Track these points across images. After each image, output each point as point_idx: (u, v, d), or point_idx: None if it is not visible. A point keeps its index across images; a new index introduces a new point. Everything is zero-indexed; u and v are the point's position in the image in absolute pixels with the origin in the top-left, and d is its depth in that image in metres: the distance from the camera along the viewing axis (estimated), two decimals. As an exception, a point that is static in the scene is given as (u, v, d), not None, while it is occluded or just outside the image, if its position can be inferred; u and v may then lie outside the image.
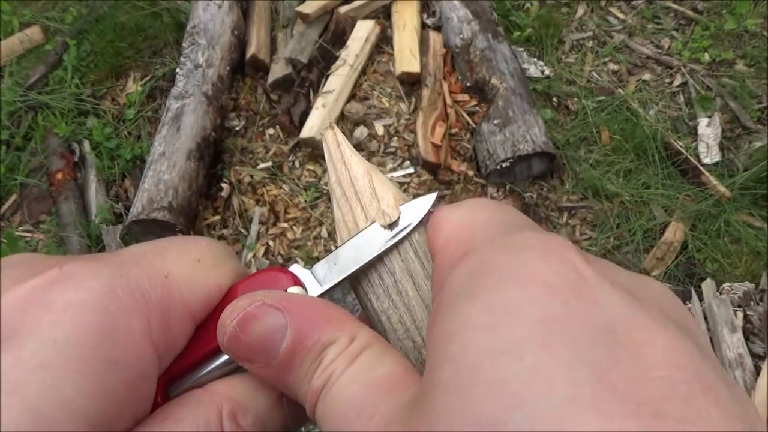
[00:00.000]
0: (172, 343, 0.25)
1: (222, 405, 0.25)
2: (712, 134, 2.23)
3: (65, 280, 0.23)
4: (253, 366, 0.25)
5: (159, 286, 0.25)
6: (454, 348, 0.20)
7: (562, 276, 0.20)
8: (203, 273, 0.27)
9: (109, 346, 0.22)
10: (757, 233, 1.94)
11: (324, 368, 0.24)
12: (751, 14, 2.60)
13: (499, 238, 0.23)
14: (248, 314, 0.25)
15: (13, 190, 2.21)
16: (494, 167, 2.03)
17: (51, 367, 0.21)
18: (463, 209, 0.26)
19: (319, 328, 0.25)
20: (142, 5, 2.59)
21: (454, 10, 2.40)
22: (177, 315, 0.25)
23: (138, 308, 0.23)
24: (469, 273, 0.22)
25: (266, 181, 2.14)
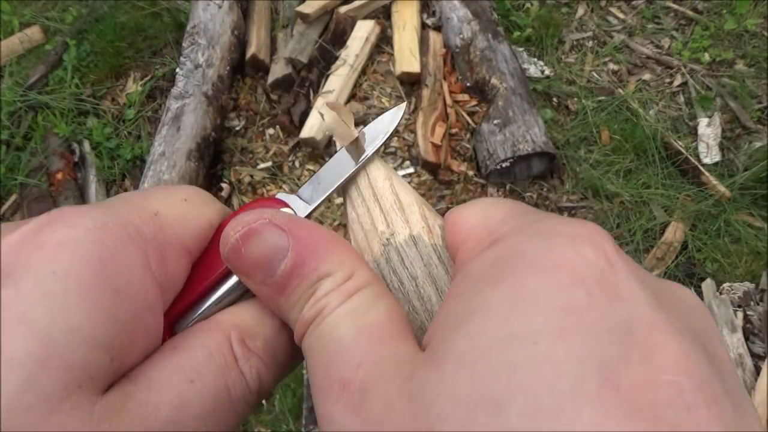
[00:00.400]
0: (171, 278, 0.25)
1: (230, 331, 0.25)
2: (712, 134, 2.23)
3: (55, 222, 0.23)
4: (248, 280, 0.25)
5: (150, 223, 0.25)
6: (471, 326, 0.20)
7: (591, 265, 0.20)
8: (192, 210, 0.27)
9: (110, 276, 0.22)
10: (757, 233, 1.94)
11: (317, 299, 0.24)
12: (751, 14, 2.60)
13: (526, 227, 0.23)
14: (252, 229, 0.25)
15: (13, 190, 2.21)
16: (494, 167, 2.03)
17: (55, 296, 0.20)
18: (479, 206, 0.26)
19: (319, 257, 0.24)
20: (142, 5, 2.59)
21: (454, 10, 2.40)
22: (172, 250, 0.25)
23: (133, 242, 0.24)
24: (495, 259, 0.22)
25: (266, 181, 2.15)
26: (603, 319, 0.19)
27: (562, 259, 0.20)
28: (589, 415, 0.17)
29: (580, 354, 0.18)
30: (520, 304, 0.19)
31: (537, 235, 0.22)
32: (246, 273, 0.25)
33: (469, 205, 0.27)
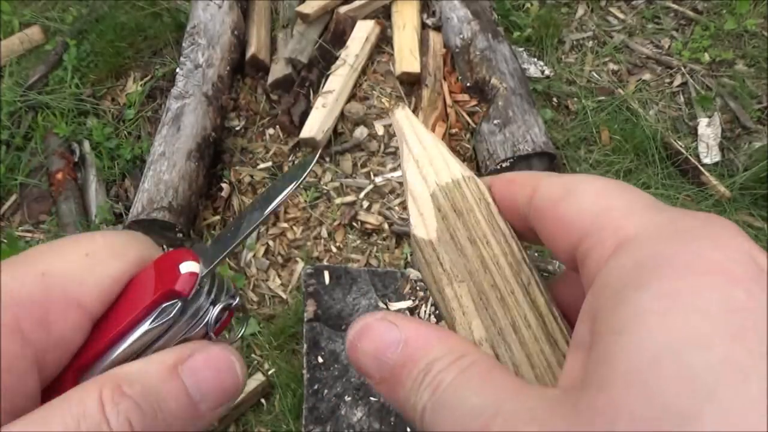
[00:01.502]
0: (57, 339, 0.25)
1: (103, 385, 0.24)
2: (712, 134, 2.23)
3: None
4: (371, 380, 0.27)
5: (33, 284, 0.25)
6: (626, 339, 0.19)
7: (741, 265, 0.19)
8: (90, 267, 0.27)
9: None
10: (757, 233, 1.94)
11: (432, 378, 0.24)
12: (751, 14, 2.60)
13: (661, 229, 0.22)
14: (365, 325, 0.27)
15: (13, 190, 2.21)
16: (494, 167, 2.03)
17: None
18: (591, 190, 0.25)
19: (430, 345, 0.25)
20: (142, 5, 2.59)
21: (454, 10, 2.40)
22: (59, 309, 0.25)
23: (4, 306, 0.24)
24: (635, 264, 0.21)
25: (266, 181, 2.14)
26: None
27: (711, 260, 0.19)
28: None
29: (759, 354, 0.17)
30: (678, 309, 0.18)
31: (676, 239, 0.21)
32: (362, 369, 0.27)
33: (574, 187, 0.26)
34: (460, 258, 0.29)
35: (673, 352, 0.18)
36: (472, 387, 0.23)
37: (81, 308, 0.26)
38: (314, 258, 1.96)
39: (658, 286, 0.19)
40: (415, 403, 0.24)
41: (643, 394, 0.17)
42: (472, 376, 0.24)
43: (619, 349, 0.19)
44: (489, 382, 0.23)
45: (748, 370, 0.17)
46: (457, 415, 0.23)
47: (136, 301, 0.27)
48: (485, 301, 0.28)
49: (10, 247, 1.95)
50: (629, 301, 0.20)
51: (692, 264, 0.20)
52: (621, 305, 0.20)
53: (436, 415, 0.23)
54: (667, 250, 0.21)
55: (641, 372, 0.18)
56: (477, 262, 0.29)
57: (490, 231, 0.30)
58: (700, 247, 0.20)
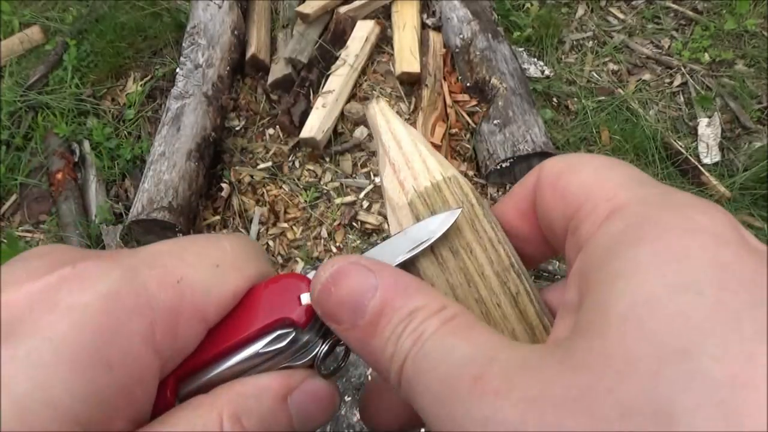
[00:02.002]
0: (179, 347, 0.25)
1: (223, 408, 0.25)
2: (712, 134, 2.23)
3: (75, 280, 0.23)
4: (339, 327, 0.25)
5: (169, 291, 0.25)
6: (623, 285, 0.19)
7: (729, 231, 0.20)
8: (219, 279, 0.26)
9: (105, 350, 0.22)
10: (757, 233, 1.94)
11: (414, 328, 0.23)
12: (751, 14, 2.60)
13: (651, 198, 0.23)
14: (342, 268, 0.25)
15: (13, 190, 2.21)
16: (494, 167, 2.03)
17: (43, 366, 0.21)
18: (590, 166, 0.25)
19: (408, 293, 0.24)
20: (142, 5, 2.59)
21: (454, 10, 2.40)
22: (186, 319, 0.25)
23: (142, 312, 0.24)
24: (627, 226, 0.21)
25: (266, 181, 2.15)
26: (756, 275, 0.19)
27: (701, 224, 0.20)
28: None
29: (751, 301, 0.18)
30: (671, 261, 0.19)
31: (667, 206, 0.22)
32: (335, 316, 0.25)
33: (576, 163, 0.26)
34: (441, 272, 0.28)
35: (667, 295, 0.18)
36: (459, 337, 0.23)
37: (204, 320, 0.26)
38: (314, 258, 1.96)
39: (651, 242, 0.20)
40: (393, 353, 0.24)
41: (639, 334, 0.18)
42: (457, 328, 0.23)
43: (614, 296, 0.19)
44: (477, 333, 0.23)
45: (740, 314, 0.17)
46: (445, 365, 0.22)
47: (250, 320, 0.27)
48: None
49: (10, 247, 1.95)
50: (623, 255, 0.20)
51: (683, 225, 0.20)
52: (614, 260, 0.20)
53: (419, 365, 0.23)
54: (658, 214, 0.21)
55: (636, 314, 0.18)
56: (460, 275, 0.28)
57: (474, 238, 0.28)
58: (690, 212, 0.21)
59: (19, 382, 0.20)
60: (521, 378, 0.20)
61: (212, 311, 0.26)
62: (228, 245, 0.28)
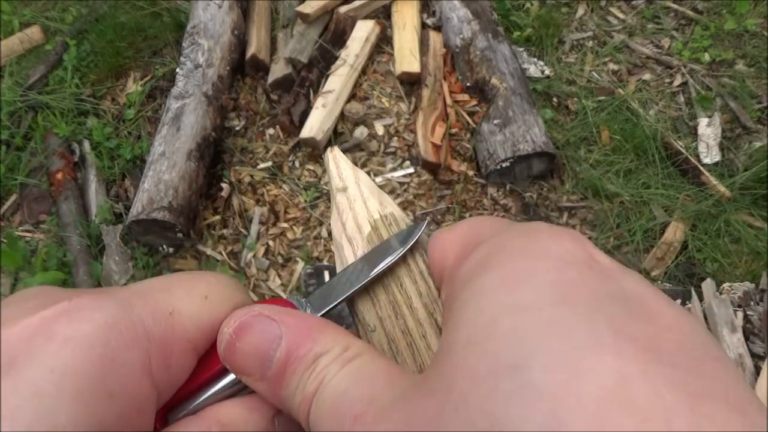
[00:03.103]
0: (173, 378, 0.26)
1: (211, 428, 0.25)
2: (712, 134, 2.23)
3: (72, 313, 0.23)
4: (249, 379, 0.26)
5: (163, 323, 0.25)
6: (470, 311, 0.20)
7: (575, 254, 0.21)
8: (209, 309, 0.27)
9: (106, 379, 0.22)
10: (757, 233, 1.94)
11: (317, 374, 0.24)
12: (751, 14, 2.60)
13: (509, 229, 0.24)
14: (244, 322, 0.25)
15: (13, 190, 2.21)
16: (494, 167, 2.03)
17: (46, 396, 0.21)
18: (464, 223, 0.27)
19: (312, 339, 0.25)
20: (142, 5, 2.59)
21: (454, 10, 2.40)
22: (179, 351, 0.26)
23: (139, 343, 0.24)
24: (482, 256, 0.23)
25: (266, 181, 2.15)
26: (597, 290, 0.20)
27: (546, 248, 0.21)
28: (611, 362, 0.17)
29: (586, 314, 0.18)
30: (514, 283, 0.20)
31: (520, 233, 0.23)
32: (243, 369, 0.26)
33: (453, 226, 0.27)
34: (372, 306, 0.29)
35: (507, 315, 0.19)
36: (352, 379, 0.23)
37: (196, 350, 0.27)
38: (314, 258, 1.96)
39: (498, 268, 0.21)
40: (300, 400, 0.24)
41: (480, 354, 0.19)
42: (354, 369, 0.24)
43: (461, 322, 0.21)
44: (369, 372, 0.24)
45: (571, 327, 0.18)
46: (337, 408, 0.23)
47: None
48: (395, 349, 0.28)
49: (10, 247, 1.95)
50: (472, 283, 0.22)
51: (530, 250, 0.22)
52: (466, 289, 0.22)
53: (319, 410, 0.24)
54: (510, 242, 0.23)
55: (479, 335, 0.19)
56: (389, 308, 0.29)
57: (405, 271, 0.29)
58: (539, 239, 0.22)
59: (23, 412, 0.21)
60: (392, 412, 0.21)
61: (202, 340, 0.27)
62: (213, 279, 0.29)
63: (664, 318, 0.19)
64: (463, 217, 2.02)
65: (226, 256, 2.00)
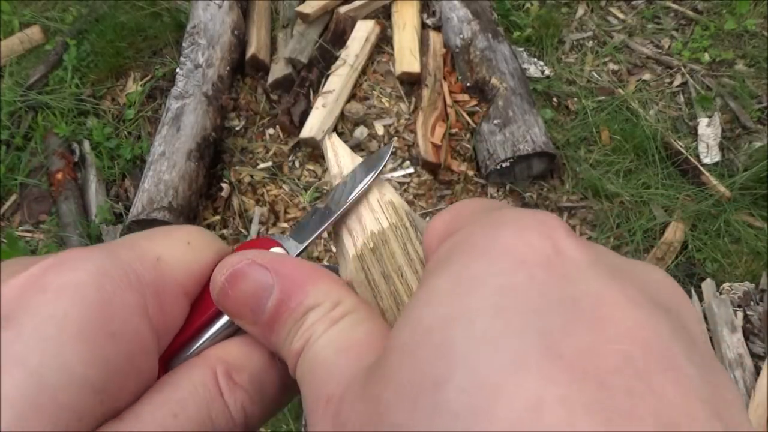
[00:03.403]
0: (168, 322, 0.26)
1: (216, 366, 0.26)
2: (712, 134, 2.23)
3: (59, 265, 0.23)
4: (242, 322, 0.26)
5: (152, 269, 0.25)
6: (414, 314, 0.20)
7: (535, 250, 0.20)
8: (193, 254, 0.27)
9: (106, 321, 0.23)
10: (757, 233, 1.94)
11: (304, 330, 0.24)
12: (751, 14, 2.60)
13: (480, 218, 0.23)
14: (237, 270, 0.26)
15: (13, 190, 2.21)
16: (494, 167, 2.03)
17: (51, 340, 0.21)
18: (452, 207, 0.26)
19: (304, 290, 0.25)
20: (142, 5, 2.59)
21: (454, 10, 2.40)
22: (171, 295, 0.26)
23: (132, 287, 0.24)
24: (447, 248, 0.22)
25: (266, 181, 2.15)
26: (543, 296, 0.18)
27: (505, 245, 0.20)
28: (530, 385, 0.16)
29: (518, 328, 0.18)
30: (460, 288, 0.20)
31: (486, 225, 0.22)
32: (236, 314, 0.26)
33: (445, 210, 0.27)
34: (373, 298, 0.29)
35: (441, 326, 0.19)
36: (333, 347, 0.24)
37: (186, 294, 0.27)
38: (314, 258, 1.96)
39: (452, 268, 0.21)
40: (288, 351, 0.25)
41: (410, 364, 0.19)
42: (338, 332, 0.24)
43: (405, 323, 0.20)
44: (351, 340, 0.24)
45: (500, 343, 0.17)
46: (317, 378, 0.23)
47: None
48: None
49: (10, 247, 1.95)
50: (427, 281, 0.21)
51: (488, 248, 0.21)
52: (421, 287, 0.21)
53: (302, 370, 0.24)
54: (473, 236, 0.22)
55: (412, 344, 0.19)
56: (390, 300, 0.28)
57: (405, 261, 0.29)
58: (500, 233, 0.21)
59: (30, 355, 0.21)
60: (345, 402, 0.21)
61: (192, 285, 0.27)
62: (191, 228, 0.29)
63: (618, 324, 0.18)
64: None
65: (226, 256, 2.00)
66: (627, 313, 0.18)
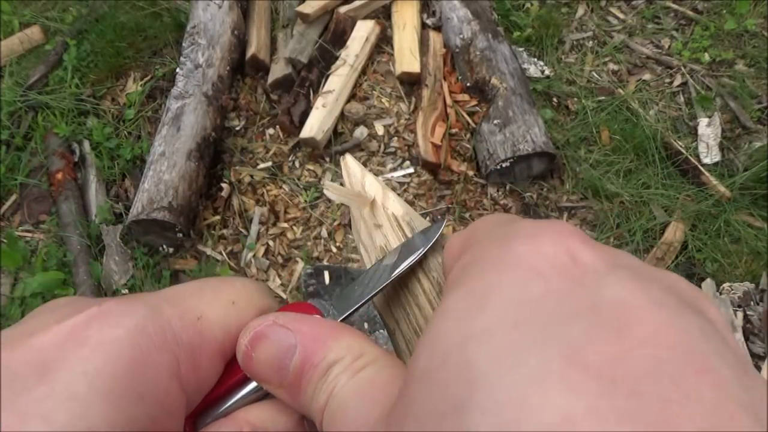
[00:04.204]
0: (201, 381, 0.26)
1: (243, 428, 0.26)
2: (712, 134, 2.23)
3: (102, 317, 0.24)
4: (268, 386, 0.26)
5: (191, 328, 0.26)
6: (430, 336, 0.20)
7: (550, 260, 0.20)
8: (236, 314, 0.27)
9: (136, 381, 0.23)
10: (757, 233, 1.94)
11: (328, 383, 0.24)
12: (751, 14, 2.60)
13: (494, 232, 0.23)
14: (258, 333, 0.26)
15: (13, 190, 2.21)
16: (494, 167, 2.03)
17: (80, 399, 0.22)
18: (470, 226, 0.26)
19: (326, 346, 0.25)
20: (142, 5, 2.59)
21: (454, 10, 2.40)
22: (207, 355, 0.26)
23: (168, 347, 0.24)
24: (462, 266, 0.22)
25: (266, 181, 2.14)
26: (562, 306, 0.18)
27: (519, 257, 0.20)
28: (555, 396, 0.15)
29: (538, 340, 0.17)
30: (474, 305, 0.19)
31: (500, 238, 0.22)
32: (262, 377, 0.26)
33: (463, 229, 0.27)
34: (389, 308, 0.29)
35: (459, 346, 0.18)
36: (356, 392, 0.24)
37: (224, 356, 0.27)
38: (314, 258, 1.96)
39: (466, 285, 0.20)
40: (314, 408, 0.25)
41: (430, 389, 0.18)
42: (361, 380, 0.24)
43: (419, 350, 0.20)
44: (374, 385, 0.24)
45: (521, 356, 0.17)
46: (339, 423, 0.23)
47: None
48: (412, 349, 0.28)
49: (10, 247, 1.95)
50: (444, 300, 0.21)
51: (500, 261, 0.20)
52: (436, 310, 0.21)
53: (328, 421, 0.24)
54: (487, 250, 0.21)
55: (432, 369, 0.19)
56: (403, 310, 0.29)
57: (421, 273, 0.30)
58: (513, 245, 0.21)
59: (58, 415, 0.21)
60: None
61: (229, 345, 0.27)
62: (240, 284, 0.29)
63: (643, 328, 0.17)
64: (462, 217, 2.02)
65: (226, 256, 2.00)
66: (652, 315, 0.17)
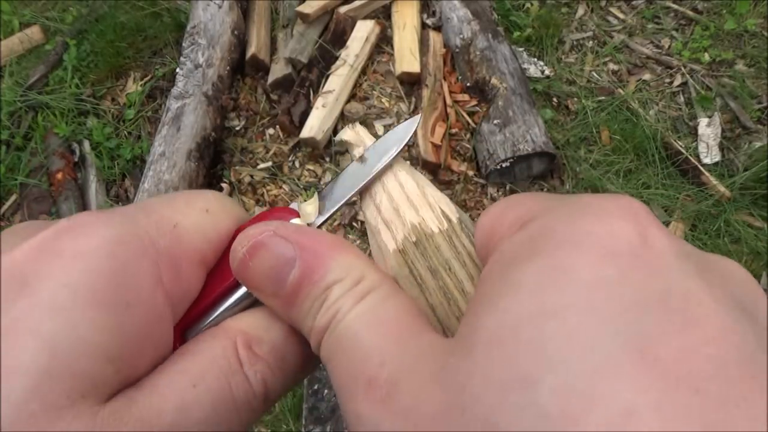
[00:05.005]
0: (184, 290, 0.26)
1: (236, 337, 0.25)
2: (712, 134, 2.23)
3: (75, 229, 0.23)
4: (261, 294, 0.26)
5: (167, 235, 0.25)
6: (501, 305, 0.19)
7: (623, 240, 0.19)
8: (211, 222, 0.27)
9: (120, 289, 0.22)
10: (757, 233, 1.94)
11: (329, 306, 0.24)
12: (751, 14, 2.60)
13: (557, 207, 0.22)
14: (258, 242, 0.25)
15: (13, 190, 2.21)
16: (494, 167, 2.03)
17: (64, 309, 0.21)
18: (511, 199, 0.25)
19: (326, 264, 0.24)
20: (142, 5, 2.59)
21: (454, 10, 2.40)
22: (187, 262, 0.26)
23: (147, 254, 0.24)
24: (526, 239, 0.21)
25: (266, 181, 2.15)
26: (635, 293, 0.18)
27: (592, 235, 0.20)
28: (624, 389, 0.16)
29: (612, 328, 0.17)
30: (549, 282, 0.19)
31: (568, 214, 0.21)
32: (256, 287, 0.25)
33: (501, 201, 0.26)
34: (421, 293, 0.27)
35: (531, 321, 0.18)
36: (365, 322, 0.23)
37: (203, 263, 0.27)
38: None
39: (537, 261, 0.20)
40: (312, 327, 0.24)
41: (498, 358, 0.18)
42: (366, 308, 0.23)
43: (489, 316, 0.19)
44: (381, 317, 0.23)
45: (594, 343, 0.17)
46: (348, 358, 0.23)
47: None
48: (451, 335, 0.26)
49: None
50: (511, 273, 0.20)
51: (574, 239, 0.20)
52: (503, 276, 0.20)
53: (331, 348, 0.23)
54: (557, 226, 0.21)
55: (501, 338, 0.18)
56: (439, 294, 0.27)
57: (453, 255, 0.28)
58: (585, 222, 0.20)
59: (44, 324, 0.21)
60: (403, 385, 0.20)
61: (209, 253, 0.27)
62: (210, 194, 0.29)
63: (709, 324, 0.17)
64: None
65: (226, 256, 2.00)
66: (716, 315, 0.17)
